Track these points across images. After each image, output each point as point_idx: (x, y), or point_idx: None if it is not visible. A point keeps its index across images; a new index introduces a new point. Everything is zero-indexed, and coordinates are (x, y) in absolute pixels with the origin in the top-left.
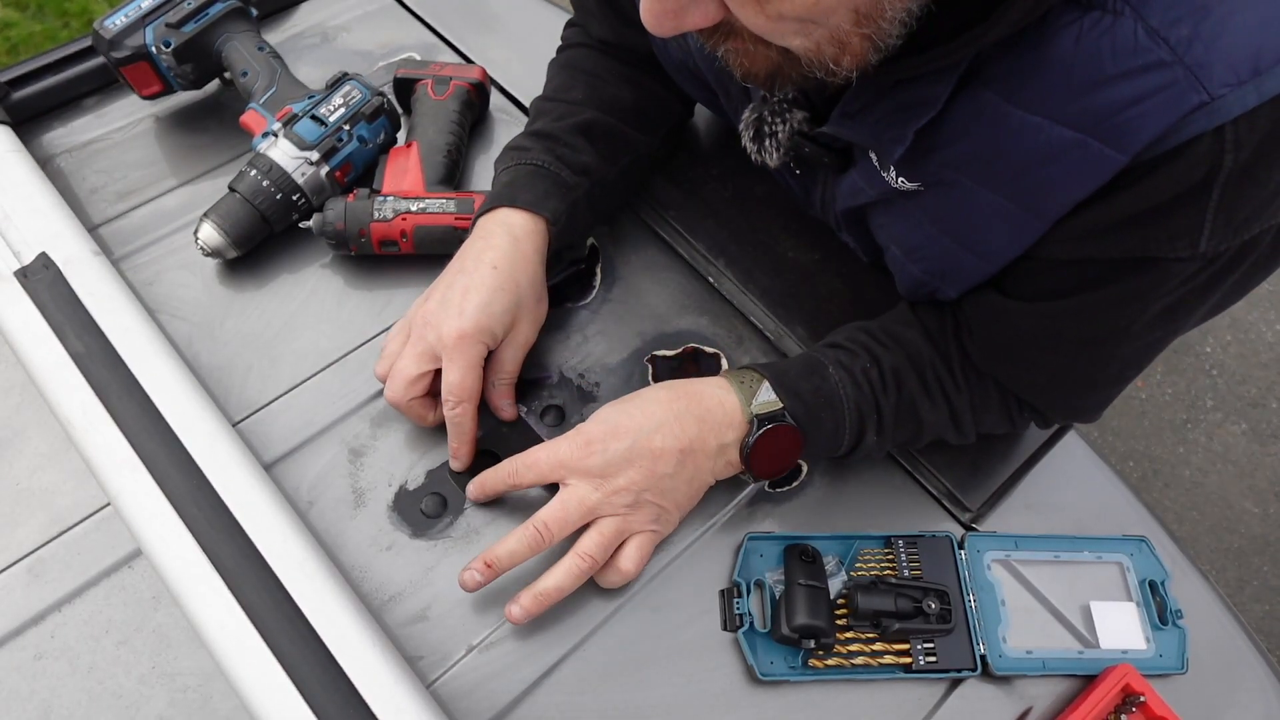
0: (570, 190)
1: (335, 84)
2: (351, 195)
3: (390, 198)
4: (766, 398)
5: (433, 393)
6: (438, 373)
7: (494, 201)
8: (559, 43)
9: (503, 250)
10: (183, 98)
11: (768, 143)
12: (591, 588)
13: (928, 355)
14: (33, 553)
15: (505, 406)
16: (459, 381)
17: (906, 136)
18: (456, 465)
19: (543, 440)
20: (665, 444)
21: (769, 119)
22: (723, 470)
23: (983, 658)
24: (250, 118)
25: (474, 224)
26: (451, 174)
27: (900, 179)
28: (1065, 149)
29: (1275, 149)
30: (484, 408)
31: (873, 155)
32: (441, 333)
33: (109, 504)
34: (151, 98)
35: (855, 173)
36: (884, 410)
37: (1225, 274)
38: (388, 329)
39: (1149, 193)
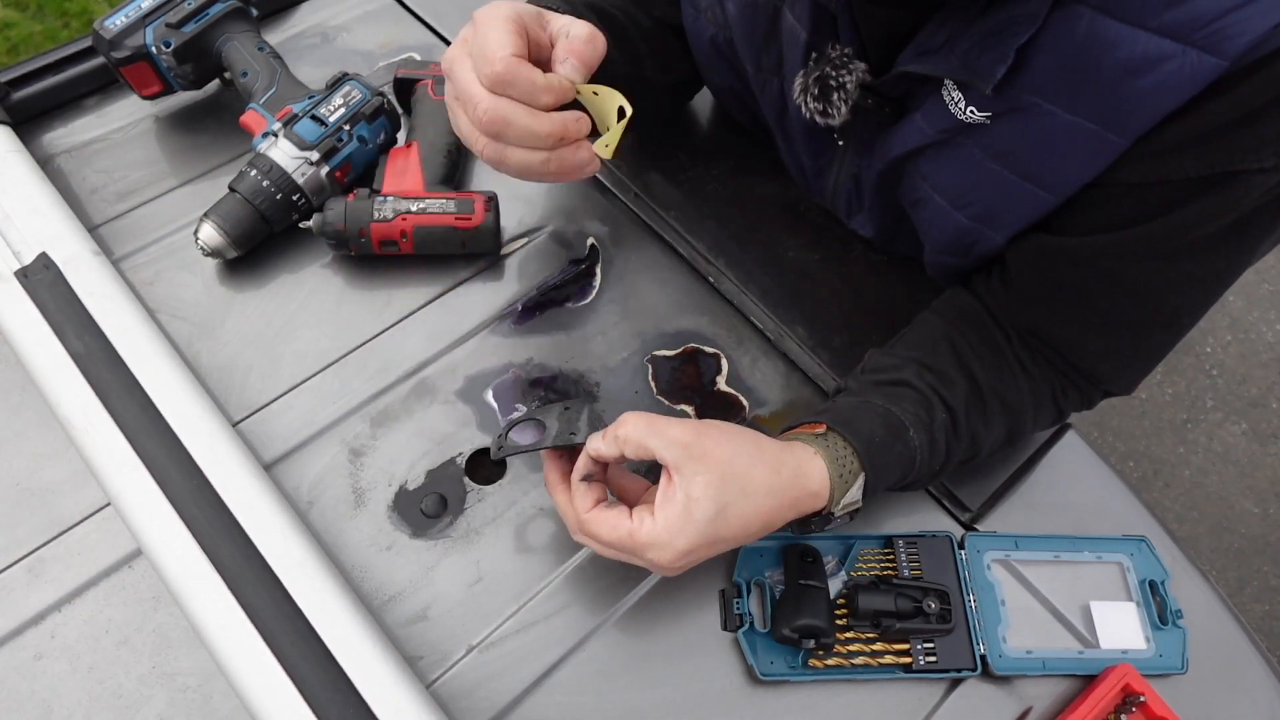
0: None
1: (335, 84)
2: (351, 195)
3: (390, 198)
4: (855, 496)
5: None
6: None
7: None
8: None
9: None
10: (183, 98)
11: (835, 97)
12: (591, 587)
13: (987, 383)
14: (33, 553)
15: (569, 68)
16: (496, 42)
17: (1009, 55)
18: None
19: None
20: (749, 535)
21: (833, 74)
22: None
23: (983, 658)
24: (250, 118)
25: None
26: (451, 174)
27: (970, 109)
28: (1162, 58)
29: None
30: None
31: (948, 91)
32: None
33: (109, 504)
34: (151, 98)
35: (918, 115)
36: (952, 459)
37: None
38: (388, 329)
39: (1242, 99)
